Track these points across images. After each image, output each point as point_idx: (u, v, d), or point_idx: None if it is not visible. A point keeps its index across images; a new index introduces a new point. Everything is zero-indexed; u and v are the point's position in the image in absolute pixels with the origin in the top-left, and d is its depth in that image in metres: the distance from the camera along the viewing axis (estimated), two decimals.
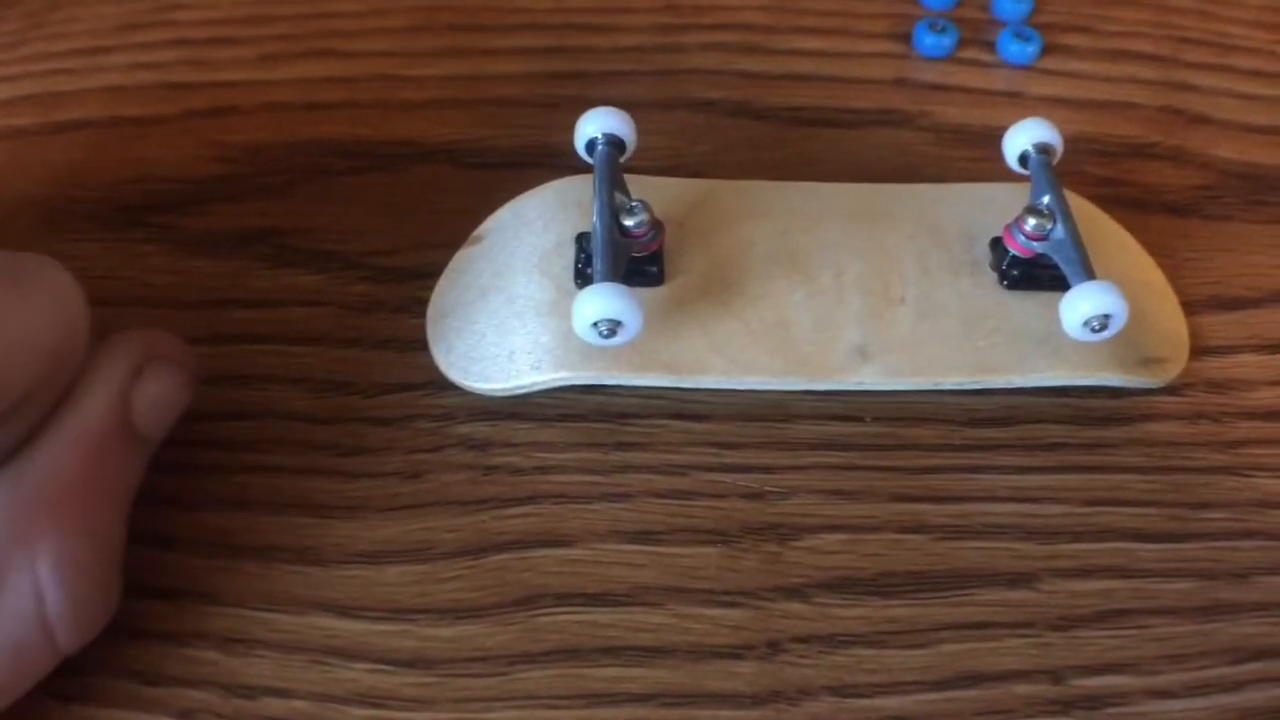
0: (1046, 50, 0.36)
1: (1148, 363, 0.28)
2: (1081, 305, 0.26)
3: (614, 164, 0.28)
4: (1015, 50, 0.35)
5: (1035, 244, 0.27)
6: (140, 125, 0.34)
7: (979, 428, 0.28)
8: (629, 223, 0.27)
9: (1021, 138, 0.28)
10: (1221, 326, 0.30)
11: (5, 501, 0.24)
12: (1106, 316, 0.26)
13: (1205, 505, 0.28)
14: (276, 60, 0.36)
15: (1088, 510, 0.27)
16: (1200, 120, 0.35)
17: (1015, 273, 0.28)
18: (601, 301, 0.25)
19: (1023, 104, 0.35)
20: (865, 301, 0.28)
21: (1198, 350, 0.30)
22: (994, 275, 0.28)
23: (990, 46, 0.36)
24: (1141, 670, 0.25)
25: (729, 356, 0.27)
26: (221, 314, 0.29)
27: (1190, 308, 0.30)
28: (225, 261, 0.31)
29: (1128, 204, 0.32)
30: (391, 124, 0.34)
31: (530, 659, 0.25)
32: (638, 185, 0.28)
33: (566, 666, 0.25)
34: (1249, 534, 0.27)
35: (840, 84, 0.35)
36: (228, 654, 0.25)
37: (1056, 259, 0.27)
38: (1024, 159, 0.28)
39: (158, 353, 0.26)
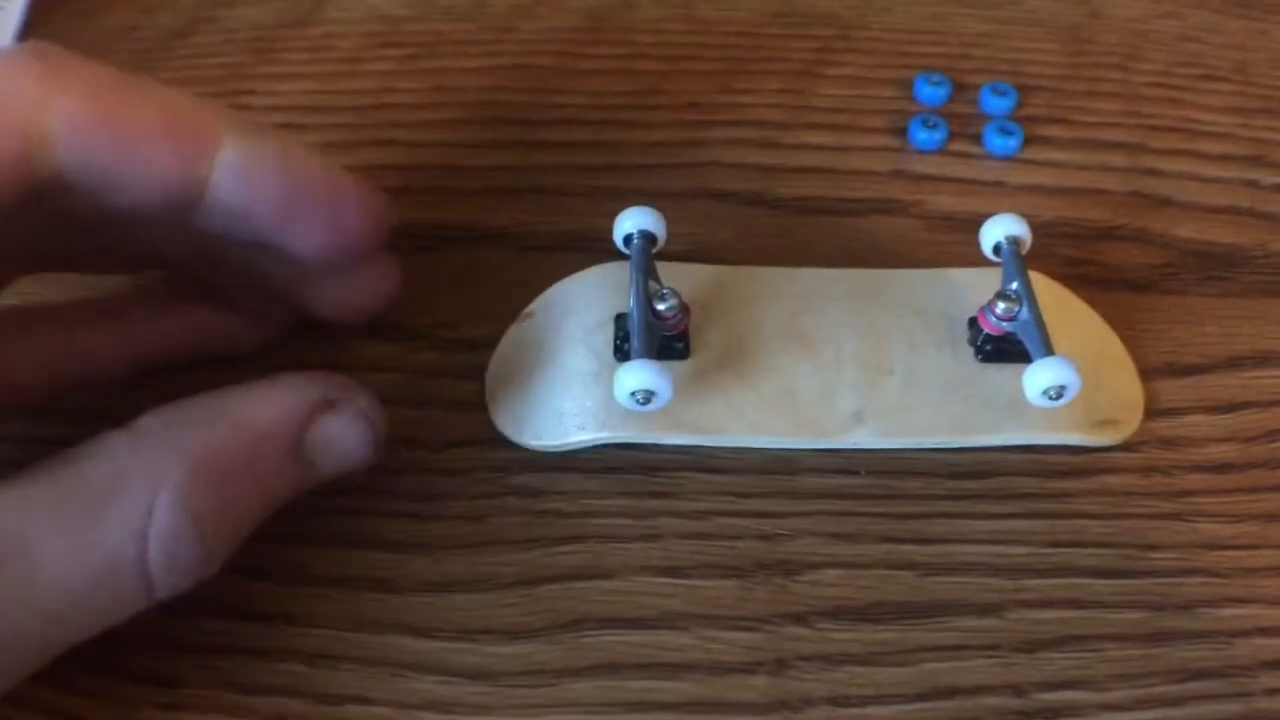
0: (1028, 142, 0.40)
1: (1104, 424, 0.32)
2: (1040, 378, 0.30)
3: (647, 255, 0.32)
4: (999, 144, 0.39)
5: (1005, 324, 0.32)
6: None
7: (958, 480, 0.32)
8: (661, 307, 0.31)
9: (996, 230, 0.33)
10: (1175, 390, 0.34)
11: (148, 429, 0.25)
12: (1062, 387, 0.30)
13: (1154, 547, 0.31)
14: (341, 147, 0.39)
15: (1050, 550, 0.31)
16: (1164, 203, 0.39)
17: (988, 348, 0.32)
18: (639, 375, 0.29)
19: (1005, 193, 0.39)
20: (860, 373, 0.32)
21: (1152, 412, 0.34)
22: (971, 350, 0.33)
23: (977, 139, 0.40)
24: (1095, 687, 0.29)
25: (746, 419, 0.31)
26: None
27: (1147, 374, 0.34)
28: (305, 331, 0.34)
29: (1094, 282, 0.36)
30: (449, 208, 0.38)
31: (576, 673, 0.29)
32: (667, 271, 0.33)
33: (606, 679, 0.29)
34: (1193, 571, 0.31)
35: (843, 175, 0.39)
36: (314, 667, 0.29)
37: (1022, 337, 0.31)
38: (997, 249, 0.33)
39: (354, 401, 0.28)
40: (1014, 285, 0.32)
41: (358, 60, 0.42)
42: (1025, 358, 0.31)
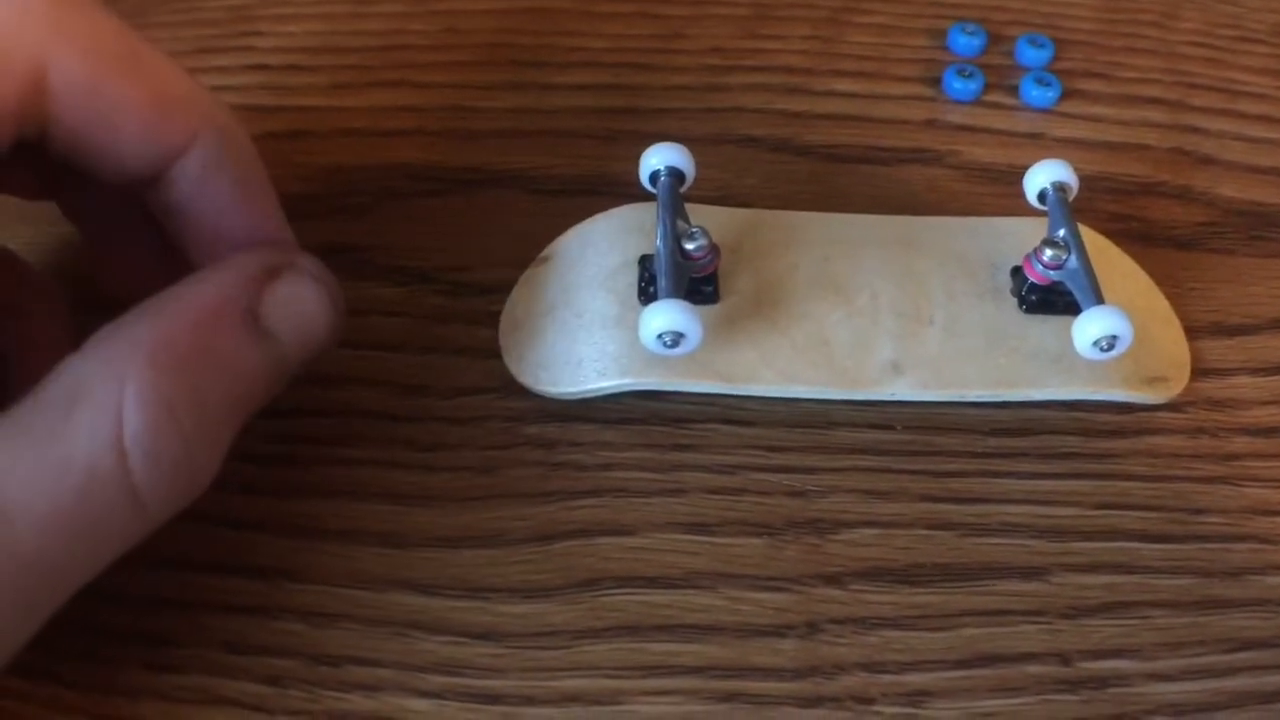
0: (1066, 95, 0.38)
1: (1152, 381, 0.31)
2: (1091, 327, 0.28)
3: (675, 194, 0.30)
4: (1037, 95, 0.37)
5: (1052, 272, 0.30)
6: None
7: (999, 437, 0.31)
8: (690, 246, 0.29)
9: (1041, 176, 0.31)
10: (1221, 350, 0.33)
11: (96, 339, 0.23)
12: (1114, 338, 0.28)
13: (1203, 511, 0.30)
14: (350, 88, 0.38)
15: (1096, 513, 0.30)
16: (1206, 161, 0.37)
17: (1033, 298, 0.31)
18: (668, 315, 0.28)
19: (1043, 145, 0.37)
20: (898, 322, 0.31)
21: (1198, 371, 0.32)
22: (1014, 300, 0.31)
23: (1014, 91, 0.38)
24: (1142, 656, 0.28)
25: (776, 368, 0.30)
26: None
27: (1192, 333, 0.33)
28: None
29: (1138, 238, 0.35)
30: (460, 151, 0.36)
31: (594, 634, 0.27)
32: (694, 213, 0.31)
33: (626, 641, 0.27)
34: (1242, 538, 0.30)
35: (874, 124, 0.38)
36: (313, 626, 0.27)
37: (1070, 286, 0.30)
38: (1042, 196, 0.31)
39: (299, 264, 0.26)
40: (1061, 232, 0.30)
41: (366, 1, 0.41)
42: (1071, 309, 0.29)
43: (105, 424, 0.22)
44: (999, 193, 0.36)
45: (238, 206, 0.27)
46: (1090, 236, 0.33)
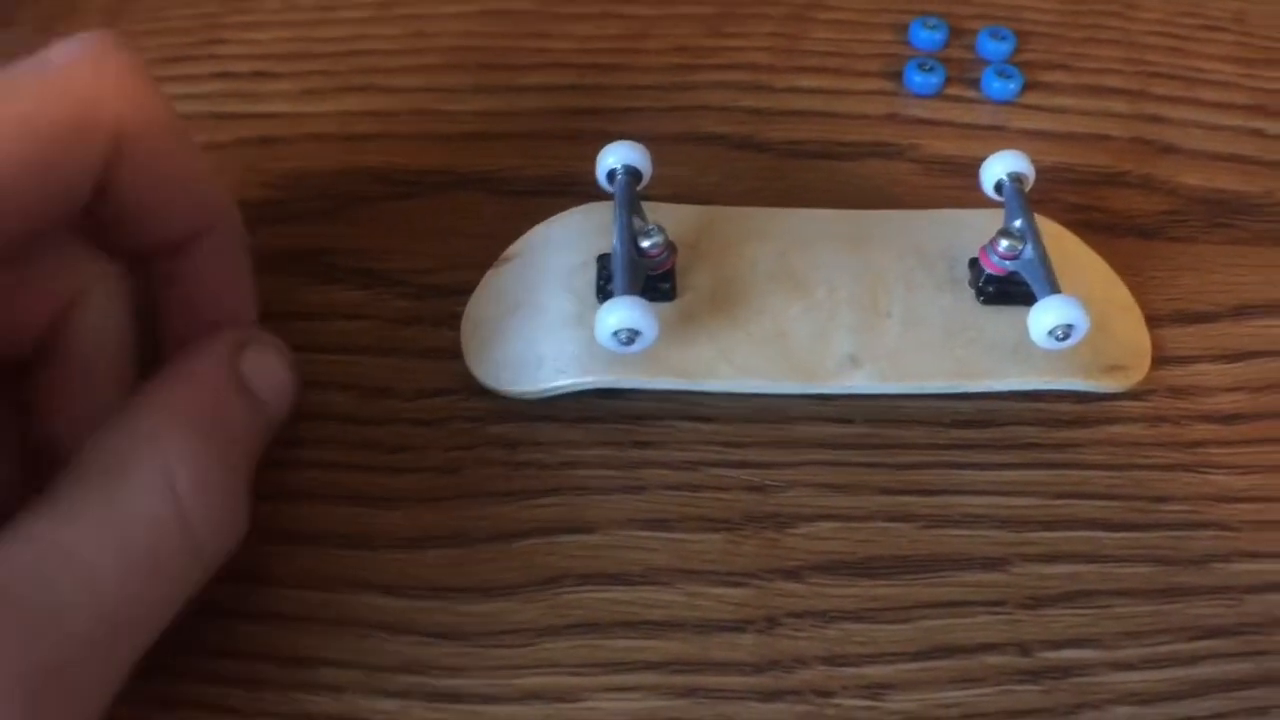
0: (1027, 87, 0.38)
1: (1111, 370, 0.31)
2: (1046, 317, 0.29)
3: (632, 192, 0.30)
4: (998, 87, 0.37)
5: (1008, 263, 0.30)
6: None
7: (959, 429, 0.31)
8: (646, 244, 0.29)
9: (997, 167, 0.31)
10: (1183, 338, 0.33)
11: (122, 414, 0.25)
12: (1069, 327, 0.29)
13: (1164, 499, 0.30)
14: (317, 94, 0.38)
15: (1056, 502, 0.30)
16: (1168, 150, 0.37)
17: (990, 289, 0.31)
18: (622, 312, 0.28)
19: (1004, 137, 0.37)
20: (855, 315, 0.31)
21: (1160, 360, 0.32)
22: (972, 292, 0.31)
23: (975, 84, 0.38)
24: (1104, 645, 0.28)
25: (734, 363, 0.30)
26: (275, 326, 0.30)
27: (1154, 321, 0.33)
28: (276, 278, 0.33)
29: (1099, 228, 0.35)
30: (427, 154, 0.36)
31: (555, 631, 0.28)
32: (653, 211, 0.31)
33: (587, 638, 0.27)
34: (1204, 525, 0.30)
35: (836, 119, 0.38)
36: (282, 628, 0.27)
37: (1026, 276, 0.30)
38: (999, 187, 0.31)
39: (260, 338, 0.28)
40: (1017, 222, 0.30)
41: (331, 8, 0.41)
42: (1029, 299, 0.30)
43: (159, 481, 0.24)
44: (960, 185, 0.36)
45: (229, 289, 0.29)
46: (1049, 227, 0.33)
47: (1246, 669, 0.28)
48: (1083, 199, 0.36)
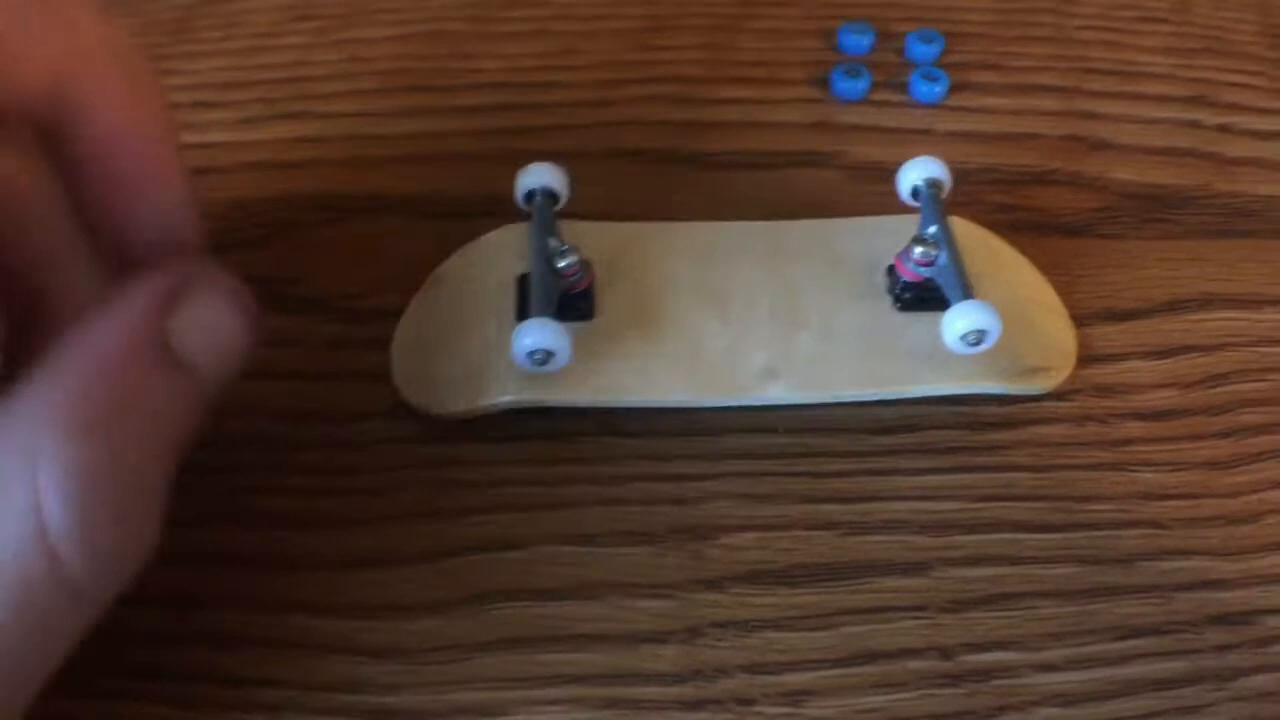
0: (955, 89, 0.39)
1: (1032, 372, 0.31)
2: (958, 323, 0.29)
3: (548, 213, 0.31)
4: (924, 90, 0.38)
5: (923, 270, 0.30)
6: None
7: (882, 435, 0.31)
8: (561, 264, 0.30)
9: (913, 174, 0.31)
10: (1112, 336, 0.33)
11: (4, 414, 0.21)
12: (981, 332, 0.29)
13: (1090, 499, 0.30)
14: (254, 122, 0.38)
15: (980, 505, 0.30)
16: (1101, 146, 0.38)
17: (907, 296, 0.31)
18: (535, 334, 0.28)
19: (931, 140, 0.37)
20: (773, 327, 0.31)
21: (1088, 359, 0.32)
22: (889, 299, 0.31)
23: (903, 88, 0.39)
24: (1027, 647, 0.28)
25: (651, 379, 0.30)
26: None
27: (1083, 320, 0.33)
28: None
29: (1026, 228, 0.35)
30: (360, 179, 0.36)
31: (485, 647, 0.28)
32: (574, 230, 0.32)
33: (517, 653, 0.28)
34: (1132, 524, 0.30)
35: (764, 129, 0.38)
36: (219, 650, 0.28)
37: (940, 283, 0.30)
38: (915, 193, 0.31)
39: (204, 277, 0.24)
40: (932, 229, 0.31)
41: (270, 35, 0.41)
42: (945, 305, 0.30)
43: (26, 527, 0.20)
44: (887, 191, 0.35)
45: (133, 137, 0.25)
46: (973, 230, 0.33)
47: (1178, 667, 0.28)
48: (1011, 199, 0.36)
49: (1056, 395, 0.32)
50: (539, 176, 0.31)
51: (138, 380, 0.22)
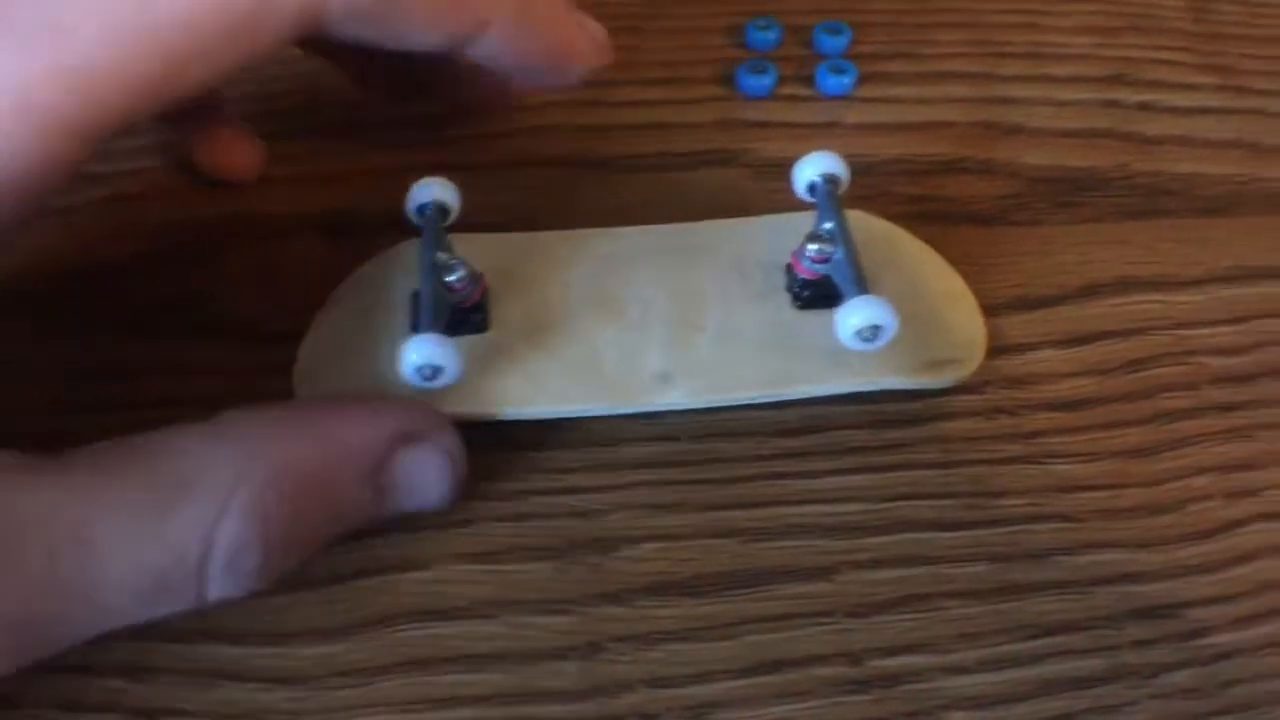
0: (864, 79, 0.38)
1: (938, 364, 0.31)
2: (852, 319, 0.28)
3: (437, 228, 0.30)
4: (832, 83, 0.37)
5: (819, 266, 0.30)
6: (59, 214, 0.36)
7: (784, 438, 0.31)
8: (449, 279, 0.29)
9: (808, 170, 0.31)
10: (1024, 325, 0.33)
11: (229, 424, 0.25)
12: (876, 327, 0.28)
13: (1002, 493, 0.30)
14: (171, 147, 0.37)
15: (885, 506, 0.30)
16: (1013, 131, 0.37)
17: (806, 294, 0.31)
18: (421, 350, 0.28)
19: (839, 134, 0.37)
20: (668, 331, 0.30)
21: (997, 350, 0.32)
22: (788, 298, 0.31)
23: (810, 81, 0.38)
24: (937, 649, 0.28)
25: (546, 390, 0.30)
26: (102, 387, 0.31)
27: (993, 310, 0.33)
28: (131, 335, 0.33)
29: (937, 218, 0.35)
30: (272, 200, 0.36)
31: (386, 670, 0.27)
32: (469, 243, 0.31)
33: (417, 675, 0.27)
34: (1045, 517, 0.30)
35: (670, 130, 0.37)
36: (134, 681, 0.27)
37: (836, 279, 0.30)
38: (812, 189, 0.31)
39: (438, 438, 0.27)
40: (827, 225, 0.30)
41: None
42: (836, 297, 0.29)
43: (206, 521, 0.23)
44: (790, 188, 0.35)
45: (540, 55, 0.30)
46: (875, 224, 0.33)
47: (1096, 665, 0.28)
48: (920, 189, 0.36)
49: (965, 389, 0.31)
50: (428, 191, 0.30)
51: (342, 485, 0.26)
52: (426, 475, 0.27)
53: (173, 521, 0.23)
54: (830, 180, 0.31)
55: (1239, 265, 0.35)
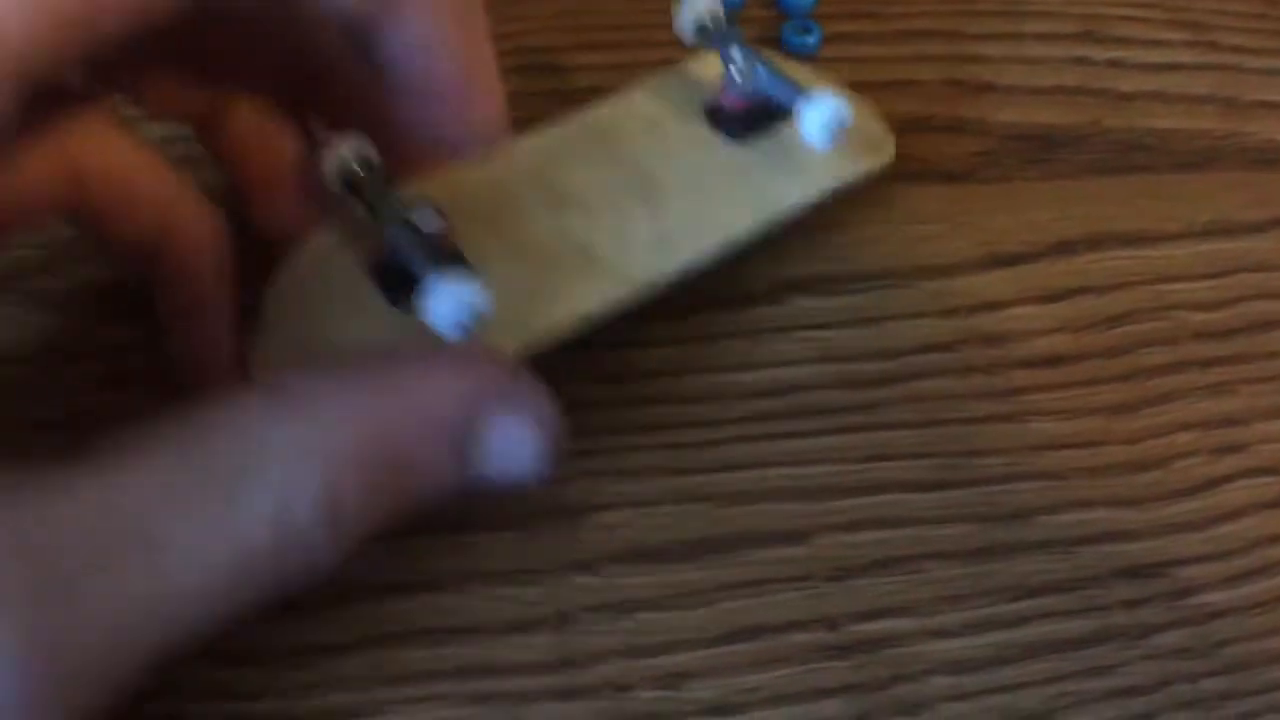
0: (829, 39, 0.37)
1: (876, 147, 0.31)
2: (815, 116, 0.29)
3: (378, 179, 0.28)
4: (797, 42, 0.36)
5: (748, 94, 0.31)
6: None
7: (753, 399, 0.30)
8: (420, 217, 0.27)
9: (690, 13, 0.31)
10: (997, 283, 0.32)
11: (290, 393, 0.22)
12: (840, 119, 0.29)
13: (980, 453, 0.29)
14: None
15: (860, 467, 0.29)
16: (984, 89, 0.37)
17: (739, 126, 0.31)
18: (452, 294, 0.25)
19: None
20: (638, 202, 0.30)
21: (971, 308, 0.31)
22: (720, 137, 0.31)
23: (775, 42, 0.37)
24: (918, 613, 0.27)
25: (561, 301, 0.28)
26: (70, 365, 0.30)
27: (965, 268, 0.32)
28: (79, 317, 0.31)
29: (905, 177, 0.34)
30: None
31: (348, 648, 0.26)
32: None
33: (382, 651, 0.26)
34: (1026, 476, 0.29)
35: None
36: None
37: (772, 93, 0.30)
38: (702, 32, 0.31)
39: (532, 401, 0.23)
40: (735, 51, 0.30)
41: None
42: (777, 119, 0.30)
43: (273, 504, 0.21)
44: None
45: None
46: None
47: (1085, 627, 0.27)
48: None
49: (938, 346, 0.31)
50: (352, 148, 0.28)
51: (426, 460, 0.22)
52: (519, 447, 0.23)
53: (238, 509, 0.21)
54: (714, 17, 0.31)
55: (1218, 220, 0.34)
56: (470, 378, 0.23)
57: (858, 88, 0.36)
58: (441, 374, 0.23)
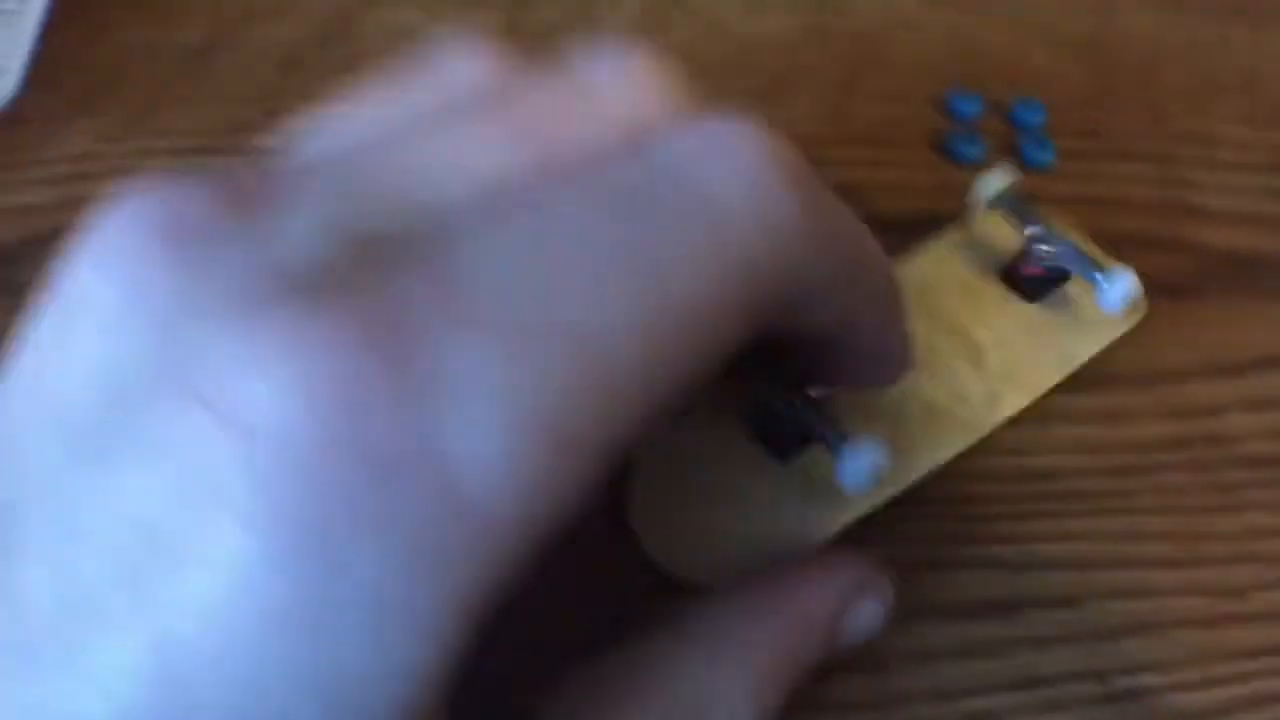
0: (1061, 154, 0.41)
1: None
2: (1115, 288, 0.34)
3: None
4: (1036, 159, 0.40)
5: (1045, 262, 0.35)
6: None
7: (1031, 482, 0.34)
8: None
9: (993, 189, 0.35)
10: (1218, 391, 0.36)
11: (712, 637, 0.25)
12: (1132, 287, 0.34)
13: (1205, 538, 0.33)
14: None
15: (1114, 547, 0.33)
16: (1194, 211, 0.40)
17: (1038, 287, 0.35)
18: (866, 458, 0.29)
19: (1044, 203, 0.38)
20: (964, 360, 0.34)
21: (1196, 413, 0.36)
22: (1020, 298, 0.35)
23: (1015, 151, 0.41)
24: (1167, 670, 0.31)
25: (918, 447, 0.33)
26: None
27: (1190, 376, 0.36)
28: None
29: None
30: None
31: None
32: None
33: None
34: (1244, 559, 0.33)
35: (876, 190, 0.40)
36: None
37: (1065, 263, 0.35)
38: (1000, 199, 0.35)
39: (880, 581, 0.28)
40: (1034, 228, 0.35)
41: None
42: (1064, 277, 0.35)
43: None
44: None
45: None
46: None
47: None
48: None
49: (1173, 445, 0.35)
50: None
51: (808, 651, 0.26)
52: (871, 625, 0.27)
53: None
54: (1018, 191, 0.35)
55: None
56: (849, 577, 0.27)
57: (1086, 201, 0.40)
58: (829, 581, 0.27)
